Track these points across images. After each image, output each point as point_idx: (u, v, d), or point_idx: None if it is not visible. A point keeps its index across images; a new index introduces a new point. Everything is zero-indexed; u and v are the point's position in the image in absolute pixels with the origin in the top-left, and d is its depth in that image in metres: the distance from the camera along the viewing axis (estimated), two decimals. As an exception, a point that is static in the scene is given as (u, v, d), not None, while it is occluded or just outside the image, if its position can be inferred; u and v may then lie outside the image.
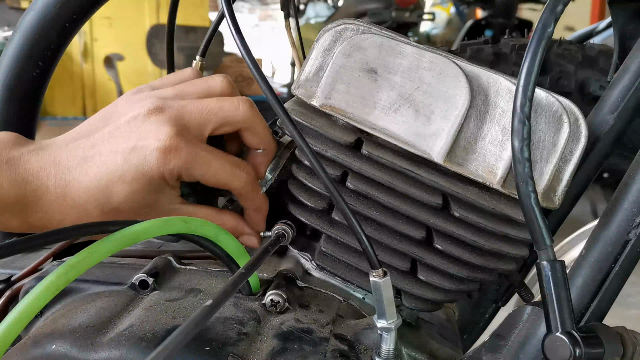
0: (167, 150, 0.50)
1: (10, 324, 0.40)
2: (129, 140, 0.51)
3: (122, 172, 0.50)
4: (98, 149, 0.51)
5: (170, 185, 0.53)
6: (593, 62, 0.96)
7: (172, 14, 0.79)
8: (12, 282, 0.61)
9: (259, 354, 0.47)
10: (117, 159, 0.50)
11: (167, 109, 0.52)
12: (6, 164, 0.50)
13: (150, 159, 0.50)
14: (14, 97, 0.75)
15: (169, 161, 0.50)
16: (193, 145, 0.52)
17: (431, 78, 0.55)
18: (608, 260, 0.50)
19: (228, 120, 0.54)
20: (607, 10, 0.81)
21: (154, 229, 0.47)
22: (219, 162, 0.53)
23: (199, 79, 0.58)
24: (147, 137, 0.51)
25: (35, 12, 0.73)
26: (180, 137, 0.51)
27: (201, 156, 0.52)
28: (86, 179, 0.50)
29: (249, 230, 0.58)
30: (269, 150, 0.58)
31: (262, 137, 0.56)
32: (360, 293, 0.59)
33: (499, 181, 0.53)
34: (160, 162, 0.50)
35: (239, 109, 0.54)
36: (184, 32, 4.17)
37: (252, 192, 0.56)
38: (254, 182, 0.56)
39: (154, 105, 0.52)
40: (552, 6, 0.48)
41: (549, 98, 0.54)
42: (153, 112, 0.52)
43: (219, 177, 0.53)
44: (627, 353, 0.48)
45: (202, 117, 0.53)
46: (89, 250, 0.45)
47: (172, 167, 0.51)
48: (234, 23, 0.52)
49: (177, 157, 0.51)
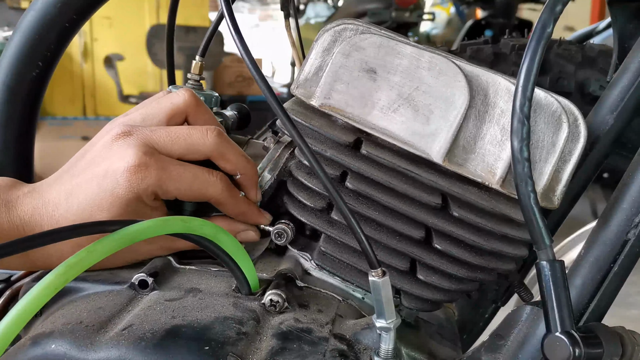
0: (136, 169, 0.51)
1: (10, 323, 0.40)
2: (100, 166, 0.52)
3: (99, 199, 0.51)
4: (77, 181, 0.53)
5: (149, 206, 0.53)
6: (593, 62, 0.96)
7: (172, 14, 0.79)
8: (12, 282, 0.62)
9: (259, 354, 0.47)
10: (92, 186, 0.52)
11: (135, 132, 0.53)
12: (5, 207, 0.52)
13: (122, 181, 0.51)
14: (14, 97, 0.75)
15: (141, 180, 0.51)
16: (162, 161, 0.52)
17: (430, 78, 0.55)
18: (607, 260, 0.50)
19: (195, 148, 0.54)
20: (607, 10, 0.81)
21: (153, 229, 0.47)
22: (191, 173, 0.53)
23: (163, 97, 0.58)
24: (115, 160, 0.51)
25: (35, 12, 0.73)
26: (148, 156, 0.51)
27: (172, 170, 0.52)
28: (71, 214, 0.52)
29: (243, 226, 0.58)
30: (247, 174, 0.57)
31: (234, 164, 0.56)
32: (360, 293, 0.59)
33: (498, 181, 0.54)
34: (132, 182, 0.51)
35: (207, 139, 0.54)
36: (184, 32, 4.17)
37: (231, 198, 0.56)
38: (230, 189, 0.56)
39: (121, 130, 0.53)
40: (552, 6, 0.48)
41: (548, 98, 0.54)
42: (120, 137, 0.53)
43: (194, 188, 0.53)
44: (627, 353, 0.48)
45: (170, 140, 0.53)
46: (88, 249, 0.45)
47: (146, 185, 0.51)
48: (233, 23, 0.52)
49: (147, 175, 0.51)
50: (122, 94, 4.48)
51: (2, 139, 0.76)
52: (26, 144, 0.79)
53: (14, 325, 0.40)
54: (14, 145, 0.77)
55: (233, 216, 0.58)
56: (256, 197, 0.58)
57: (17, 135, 0.77)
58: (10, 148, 0.77)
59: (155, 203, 0.54)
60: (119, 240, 0.45)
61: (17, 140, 0.77)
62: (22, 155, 0.78)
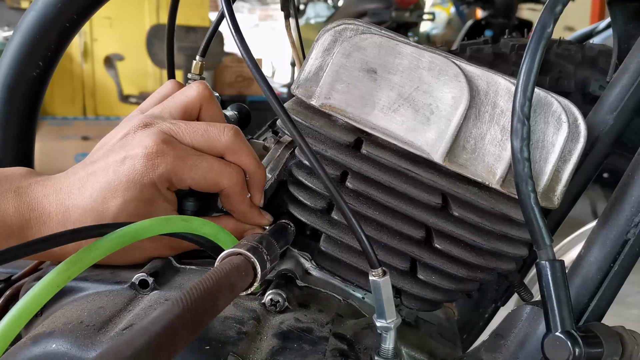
0: (154, 155, 0.51)
1: (11, 322, 0.40)
2: (119, 153, 0.52)
3: (114, 185, 0.52)
4: (92, 169, 0.53)
5: (162, 195, 0.53)
6: (593, 62, 0.96)
7: (172, 14, 0.79)
8: (12, 282, 0.62)
9: (259, 353, 0.47)
10: (108, 173, 0.52)
11: (155, 123, 0.54)
12: (14, 192, 0.52)
13: (139, 166, 0.51)
14: (14, 97, 0.75)
15: (157, 166, 0.51)
16: (180, 149, 0.53)
17: (430, 78, 0.55)
18: (607, 260, 0.50)
19: (212, 144, 0.55)
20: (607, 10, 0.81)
21: (154, 228, 0.47)
22: (207, 162, 0.54)
23: (178, 92, 0.59)
24: (135, 147, 0.52)
25: (35, 12, 0.74)
26: (166, 144, 0.52)
27: (188, 159, 0.53)
28: (82, 202, 0.52)
29: (249, 226, 0.58)
30: (255, 178, 0.57)
31: (246, 165, 0.56)
32: (360, 292, 0.59)
33: (498, 181, 0.54)
34: (148, 167, 0.51)
35: (224, 136, 0.55)
36: (184, 32, 4.17)
37: (241, 194, 0.56)
38: (243, 183, 0.56)
39: (142, 122, 0.54)
40: (551, 6, 0.48)
41: (548, 98, 0.54)
42: (141, 127, 0.54)
43: (208, 177, 0.54)
44: (627, 352, 0.48)
45: (189, 133, 0.54)
46: (88, 248, 0.45)
47: (161, 171, 0.52)
48: (233, 23, 0.52)
49: (164, 161, 0.52)
50: (122, 94, 4.48)
51: (2, 138, 0.76)
52: (26, 144, 0.79)
53: (14, 324, 0.40)
54: (14, 145, 0.77)
55: (235, 214, 0.58)
56: (259, 201, 0.58)
57: (17, 135, 0.77)
58: (10, 148, 0.77)
59: (168, 193, 0.54)
60: (119, 239, 0.46)
61: (17, 140, 0.77)
62: (22, 155, 0.78)
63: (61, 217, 0.52)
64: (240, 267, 0.43)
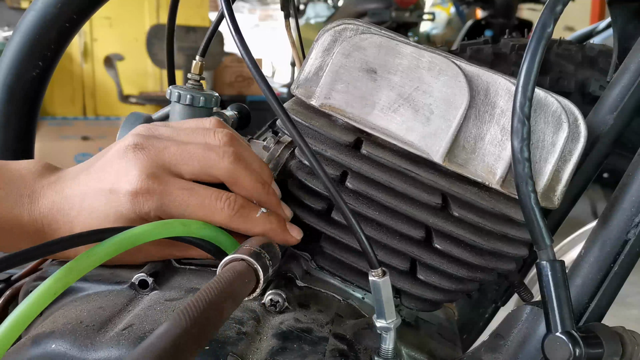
0: (138, 194, 0.50)
1: (9, 327, 0.40)
2: (107, 179, 0.52)
3: (106, 214, 0.52)
4: (90, 186, 0.52)
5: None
6: (593, 62, 0.96)
7: (172, 14, 0.79)
8: (12, 282, 0.62)
9: (259, 354, 0.47)
10: (101, 199, 0.52)
11: (147, 147, 0.52)
12: (28, 198, 0.52)
13: (125, 202, 0.51)
14: (14, 97, 0.75)
15: (142, 205, 0.51)
16: (166, 185, 0.51)
17: (430, 78, 0.55)
18: (607, 260, 0.50)
19: (209, 171, 0.52)
20: (607, 10, 0.81)
21: (153, 232, 0.47)
22: (197, 199, 0.51)
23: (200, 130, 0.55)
24: (120, 179, 0.51)
25: (35, 12, 0.74)
26: (152, 179, 0.50)
27: (176, 196, 0.51)
28: (83, 217, 0.52)
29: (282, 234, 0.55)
30: (263, 201, 0.54)
31: (248, 190, 0.53)
32: (360, 293, 0.59)
33: (498, 181, 0.54)
34: (134, 205, 0.51)
35: (222, 163, 0.52)
36: (184, 32, 4.17)
37: (244, 224, 0.53)
38: (242, 214, 0.53)
39: (134, 142, 0.52)
40: (552, 6, 0.48)
41: (548, 98, 0.54)
42: (131, 149, 0.52)
43: (199, 215, 0.51)
44: (627, 353, 0.48)
45: (182, 160, 0.52)
46: (88, 253, 0.45)
47: (147, 210, 0.51)
48: (233, 23, 0.52)
49: (149, 200, 0.51)
50: (122, 94, 4.48)
51: (2, 138, 0.76)
52: (26, 144, 0.79)
53: (13, 330, 0.41)
54: (14, 145, 0.77)
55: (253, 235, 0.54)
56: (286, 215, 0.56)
57: (17, 135, 0.77)
58: (10, 148, 0.77)
59: None
60: (118, 244, 0.46)
61: (17, 140, 0.77)
62: (22, 155, 0.78)
63: (68, 227, 0.53)
64: (243, 274, 0.43)
